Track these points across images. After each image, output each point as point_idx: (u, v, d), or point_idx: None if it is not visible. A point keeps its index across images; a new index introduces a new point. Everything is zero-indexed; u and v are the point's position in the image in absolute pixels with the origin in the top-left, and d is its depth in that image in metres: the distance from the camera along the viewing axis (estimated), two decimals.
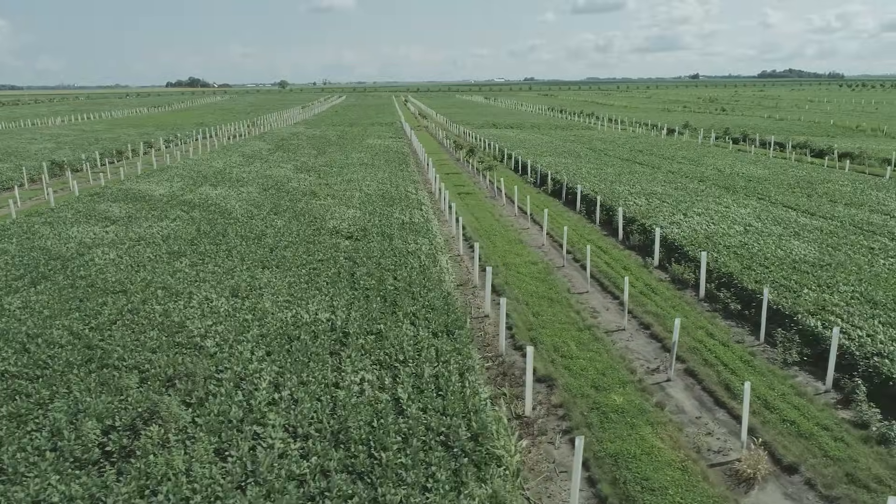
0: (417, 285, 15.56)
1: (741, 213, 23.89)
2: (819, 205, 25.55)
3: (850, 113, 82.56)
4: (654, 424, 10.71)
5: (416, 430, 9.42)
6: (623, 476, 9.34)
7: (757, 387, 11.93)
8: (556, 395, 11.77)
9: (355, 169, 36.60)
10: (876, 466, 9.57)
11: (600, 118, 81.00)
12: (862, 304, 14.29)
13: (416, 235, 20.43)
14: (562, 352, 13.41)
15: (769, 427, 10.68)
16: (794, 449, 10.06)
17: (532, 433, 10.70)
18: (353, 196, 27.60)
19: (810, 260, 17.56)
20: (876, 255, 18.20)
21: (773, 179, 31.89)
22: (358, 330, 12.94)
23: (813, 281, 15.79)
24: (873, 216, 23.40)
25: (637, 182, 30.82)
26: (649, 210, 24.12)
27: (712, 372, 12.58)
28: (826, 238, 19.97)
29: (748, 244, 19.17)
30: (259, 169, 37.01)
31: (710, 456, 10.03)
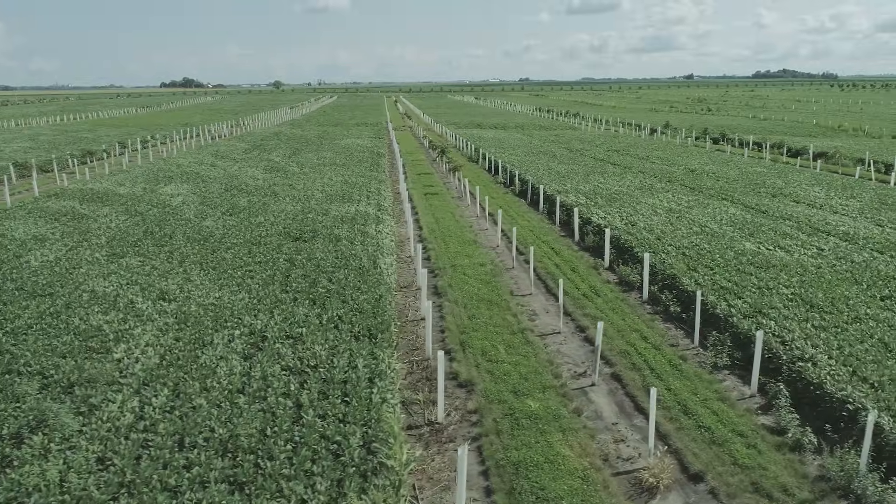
0: (352, 288, 15.26)
1: (700, 213, 23.65)
2: (782, 205, 25.31)
3: (835, 113, 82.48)
4: (566, 431, 10.42)
5: (308, 439, 9.12)
6: (520, 486, 9.05)
7: (679, 391, 11.67)
8: (473, 401, 11.47)
9: (325, 169, 36.27)
10: (784, 475, 9.29)
11: (585, 118, 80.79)
12: (799, 307, 14.03)
13: (364, 237, 20.13)
14: (489, 356, 13.11)
15: (683, 433, 10.40)
16: (704, 456, 9.78)
17: (440, 440, 10.42)
18: (311, 196, 27.27)
19: (758, 261, 17.30)
20: (825, 256, 17.96)
21: (741, 179, 31.65)
22: (277, 334, 12.63)
23: (755, 283, 15.53)
24: (830, 216, 23.18)
25: (604, 182, 30.56)
26: (609, 210, 23.87)
27: (638, 376, 12.30)
28: (779, 239, 19.73)
29: (699, 245, 18.92)
30: (228, 169, 36.66)
31: (618, 464, 9.74)
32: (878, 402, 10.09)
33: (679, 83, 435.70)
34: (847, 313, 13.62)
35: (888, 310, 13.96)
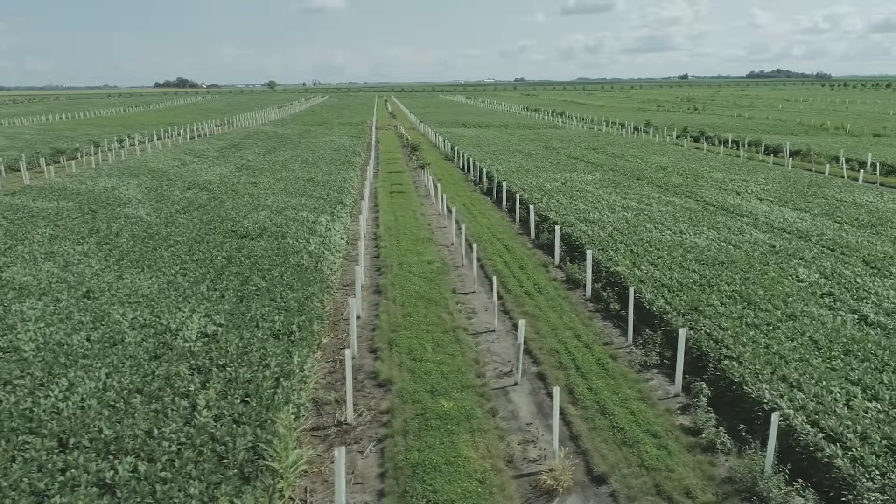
0: (283, 286, 14.92)
1: (662, 210, 23.38)
2: (744, 202, 25.05)
3: (820, 112, 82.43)
4: (475, 432, 10.10)
5: (196, 440, 8.79)
6: (413, 489, 8.72)
7: (601, 391, 11.36)
8: (387, 401, 11.15)
9: (294, 167, 35.90)
10: (690, 476, 8.99)
11: (572, 117, 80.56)
12: (736, 304, 13.74)
13: (311, 234, 19.79)
14: (415, 354, 12.78)
15: (596, 434, 10.09)
16: (612, 458, 9.46)
17: (345, 441, 10.09)
18: (271, 194, 26.91)
19: (705, 258, 17.01)
20: (776, 253, 17.69)
21: (707, 177, 31.39)
22: (193, 332, 12.28)
23: (696, 279, 15.24)
24: (790, 213, 22.92)
25: (571, 180, 30.28)
26: (568, 208, 23.59)
27: (563, 375, 11.99)
28: (732, 236, 19.46)
29: (649, 241, 18.63)
30: (197, 167, 36.26)
31: (523, 466, 9.42)
32: (794, 401, 9.79)
33: (673, 83, 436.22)
34: (783, 310, 13.34)
35: (827, 307, 13.68)
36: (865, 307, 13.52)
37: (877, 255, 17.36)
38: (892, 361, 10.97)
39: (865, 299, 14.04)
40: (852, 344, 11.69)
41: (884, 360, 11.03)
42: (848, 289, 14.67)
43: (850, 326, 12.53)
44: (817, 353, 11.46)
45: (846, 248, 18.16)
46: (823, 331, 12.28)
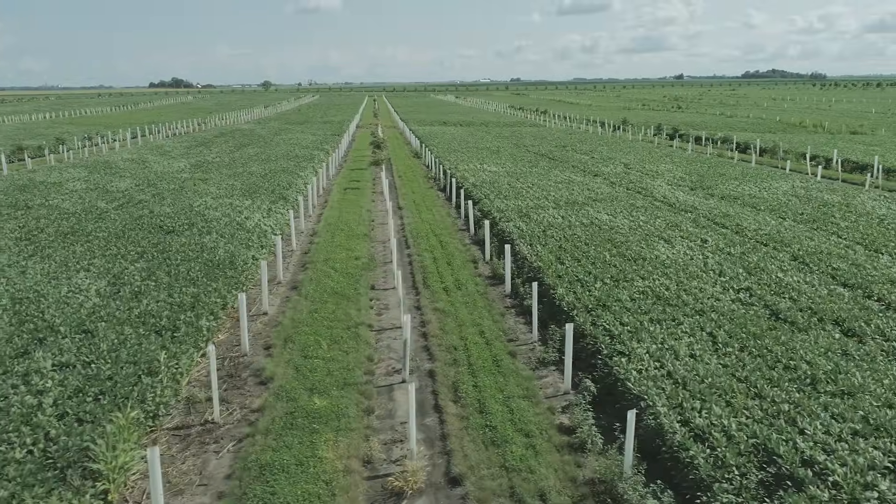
0: (187, 281, 14.47)
1: (606, 206, 22.97)
2: (692, 201, 24.65)
3: (804, 111, 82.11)
4: (341, 431, 9.65)
5: (26, 439, 8.34)
6: (253, 490, 8.27)
7: (487, 388, 10.92)
8: (261, 399, 10.70)
9: (254, 164, 35.40)
10: (550, 478, 8.55)
11: (554, 116, 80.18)
12: (646, 300, 13.31)
13: (240, 230, 19.33)
14: (307, 352, 12.32)
15: (466, 433, 9.64)
16: (475, 458, 9.02)
17: (205, 441, 9.63)
18: (214, 191, 26.45)
19: (631, 254, 16.59)
20: (705, 248, 17.28)
21: (666, 175, 30.99)
22: (73, 328, 11.83)
23: (613, 274, 14.81)
24: (736, 209, 22.51)
25: (529, 177, 29.87)
26: (512, 203, 23.18)
27: (454, 372, 11.54)
28: (667, 231, 19.05)
29: (580, 237, 18.21)
30: (155, 164, 35.74)
31: (382, 466, 8.97)
32: (671, 398, 9.37)
33: (668, 83, 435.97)
34: (692, 306, 12.91)
35: (740, 302, 13.26)
36: (782, 302, 13.10)
37: (808, 249, 16.95)
38: (786, 358, 10.54)
39: (783, 294, 13.62)
40: (751, 340, 11.27)
41: (777, 357, 10.61)
42: (768, 284, 14.25)
43: (759, 322, 12.10)
44: (713, 349, 11.05)
45: (780, 242, 17.77)
46: (728, 326, 11.85)
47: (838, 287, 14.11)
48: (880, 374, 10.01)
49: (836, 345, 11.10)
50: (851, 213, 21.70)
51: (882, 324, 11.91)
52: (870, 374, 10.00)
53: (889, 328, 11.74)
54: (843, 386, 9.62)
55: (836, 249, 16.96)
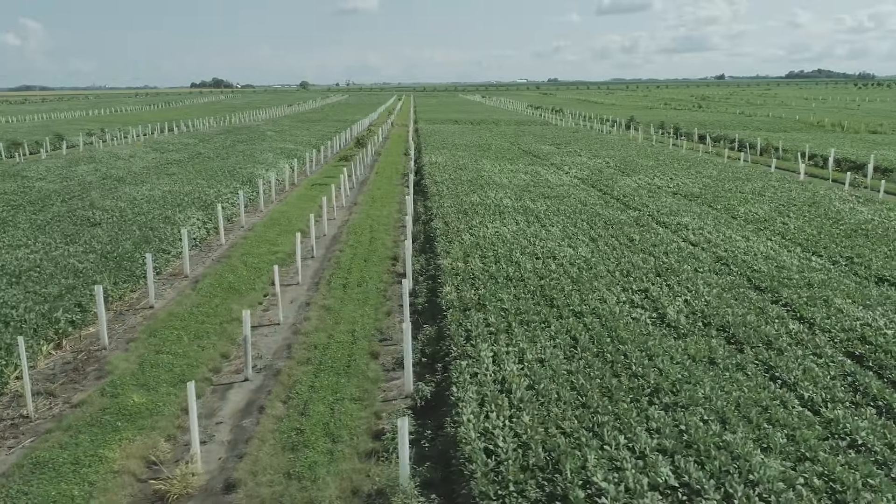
0: (73, 274, 14.20)
1: (559, 203, 22.11)
2: (647, 201, 23.59)
3: (831, 110, 79.08)
4: (143, 430, 9.15)
5: None
6: (8, 490, 7.84)
7: (322, 389, 10.31)
8: (85, 394, 10.30)
9: (233, 160, 35.37)
10: (330, 488, 7.88)
11: (569, 114, 78.91)
12: (528, 300, 12.51)
13: (164, 223, 19.09)
14: (164, 346, 11.89)
15: (274, 436, 9.03)
16: (264, 463, 8.42)
17: (3, 437, 9.26)
18: (173, 185, 26.38)
19: (543, 252, 15.79)
20: (634, 247, 16.36)
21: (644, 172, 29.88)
22: None
23: (510, 272, 14.05)
24: (683, 219, 21.43)
25: (499, 173, 29.12)
26: (462, 198, 22.50)
27: (300, 371, 10.97)
28: (594, 230, 18.15)
29: (504, 234, 17.45)
30: (140, 159, 36.01)
31: (166, 468, 8.45)
32: (483, 405, 8.64)
33: (708, 83, 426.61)
34: (573, 307, 12.09)
35: (631, 304, 12.38)
36: (672, 306, 12.17)
37: (738, 250, 15.89)
38: (639, 365, 9.68)
39: (679, 297, 12.69)
40: (612, 345, 10.43)
41: (629, 364, 9.76)
42: (671, 286, 13.31)
43: (635, 327, 11.23)
44: (568, 354, 10.24)
45: (709, 242, 16.73)
46: (598, 330, 11.02)
47: (750, 291, 13.11)
48: (734, 386, 9.10)
49: (705, 352, 10.19)
50: (811, 212, 20.42)
51: (771, 331, 10.92)
52: (723, 386, 9.10)
53: (777, 336, 10.75)
54: (683, 398, 8.75)
55: (769, 250, 15.86)
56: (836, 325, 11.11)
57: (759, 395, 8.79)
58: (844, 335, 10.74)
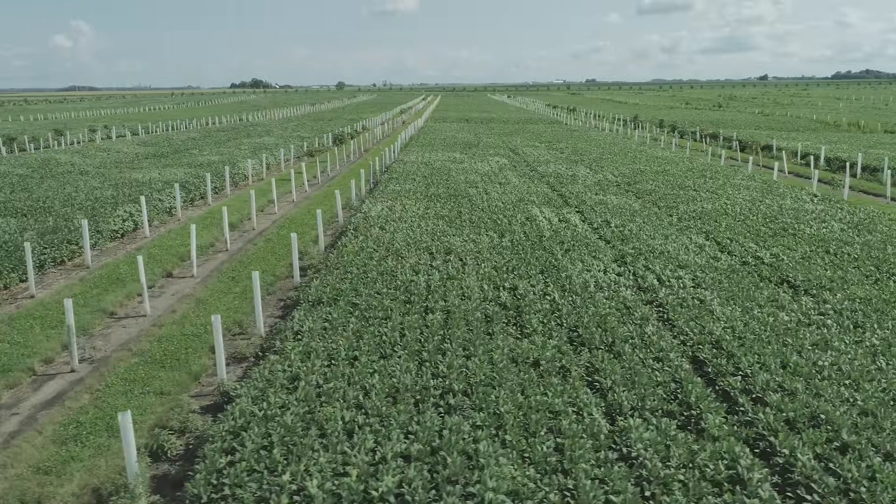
0: None
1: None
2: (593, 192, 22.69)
3: (857, 110, 76.04)
4: None
5: None
6: None
7: (138, 381, 9.96)
8: None
9: (227, 147, 35.49)
10: (73, 482, 7.50)
11: (580, 113, 77.64)
12: (387, 296, 11.94)
13: (86, 216, 19.04)
14: (10, 336, 11.69)
15: (54, 428, 8.71)
16: (26, 457, 8.08)
17: None
18: (132, 175, 26.46)
19: (444, 248, 15.18)
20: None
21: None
22: None
23: (387, 269, 13.48)
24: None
25: (468, 168, 28.53)
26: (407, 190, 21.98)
27: (128, 365, 10.62)
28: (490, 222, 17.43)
29: (416, 231, 16.89)
30: (110, 153, 36.45)
31: None
32: (256, 401, 8.12)
33: (751, 84, 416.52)
34: (421, 304, 11.47)
35: (486, 302, 11.71)
36: (516, 301, 11.46)
37: (646, 247, 15.02)
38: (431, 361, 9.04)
39: (525, 295, 11.95)
40: (417, 345, 9.79)
41: (441, 347, 9.16)
42: (538, 283, 12.58)
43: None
44: (380, 353, 9.65)
45: (623, 238, 15.88)
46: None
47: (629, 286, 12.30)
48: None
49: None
50: (751, 209, 19.27)
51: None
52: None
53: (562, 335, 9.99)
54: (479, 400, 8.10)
55: (672, 245, 14.95)
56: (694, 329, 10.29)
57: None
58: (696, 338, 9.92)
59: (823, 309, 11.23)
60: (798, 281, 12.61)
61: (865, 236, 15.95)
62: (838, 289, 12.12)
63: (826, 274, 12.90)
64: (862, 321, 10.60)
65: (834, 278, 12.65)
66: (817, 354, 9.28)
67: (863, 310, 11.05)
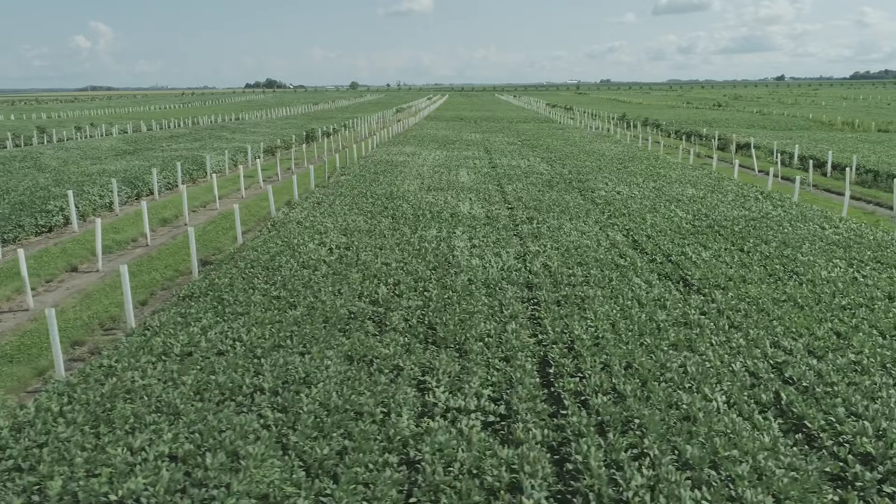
0: None
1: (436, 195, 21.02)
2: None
3: (857, 110, 74.63)
4: None
5: None
6: None
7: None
8: None
9: (180, 149, 35.40)
10: None
11: (576, 112, 76.97)
12: (262, 291, 11.61)
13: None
14: None
15: None
16: None
17: None
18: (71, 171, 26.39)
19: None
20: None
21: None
22: None
23: (273, 265, 13.16)
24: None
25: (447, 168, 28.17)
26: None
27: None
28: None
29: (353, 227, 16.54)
30: (83, 149, 36.50)
31: None
32: None
33: (767, 84, 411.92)
34: (287, 298, 11.13)
35: (343, 297, 11.33)
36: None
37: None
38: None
39: (370, 294, 11.55)
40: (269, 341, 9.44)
41: (283, 344, 8.77)
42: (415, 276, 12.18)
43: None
44: (232, 340, 9.31)
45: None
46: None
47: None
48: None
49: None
50: (681, 204, 18.72)
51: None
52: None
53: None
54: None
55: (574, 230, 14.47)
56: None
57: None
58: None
59: (707, 308, 10.75)
60: (695, 279, 12.10)
61: (785, 234, 15.33)
62: (733, 288, 11.60)
63: (728, 272, 12.38)
64: (740, 321, 10.11)
65: (733, 277, 12.13)
66: (669, 356, 8.81)
67: (746, 309, 10.55)
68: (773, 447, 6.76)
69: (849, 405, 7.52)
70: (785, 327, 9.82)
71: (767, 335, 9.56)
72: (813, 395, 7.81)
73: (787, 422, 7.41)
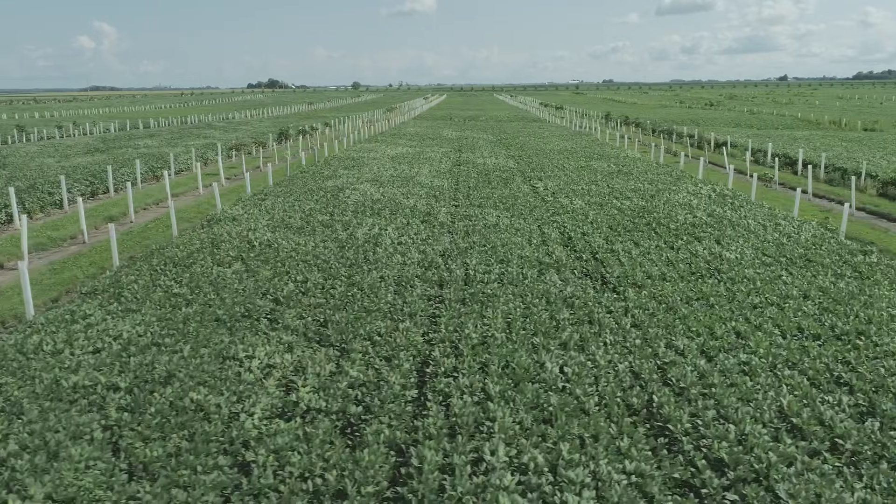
0: None
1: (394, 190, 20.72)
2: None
3: (847, 110, 74.11)
4: None
5: None
6: None
7: None
8: None
9: (147, 147, 35.19)
10: None
11: (567, 112, 76.65)
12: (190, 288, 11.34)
13: None
14: None
15: None
16: None
17: None
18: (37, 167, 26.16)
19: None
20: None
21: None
22: None
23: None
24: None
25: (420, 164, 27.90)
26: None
27: None
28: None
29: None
30: (57, 146, 36.32)
31: None
32: None
33: (770, 84, 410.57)
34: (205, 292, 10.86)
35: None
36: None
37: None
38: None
39: (275, 292, 11.26)
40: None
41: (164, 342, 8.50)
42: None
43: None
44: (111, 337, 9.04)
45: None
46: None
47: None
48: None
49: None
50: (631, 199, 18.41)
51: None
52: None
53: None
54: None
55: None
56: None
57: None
58: None
59: (615, 307, 10.44)
60: (613, 277, 11.79)
61: (721, 232, 14.99)
62: (650, 286, 11.30)
63: (651, 270, 12.06)
64: (643, 320, 9.79)
65: (654, 275, 11.82)
66: (552, 356, 8.49)
67: (654, 308, 10.24)
68: (628, 451, 6.46)
69: (720, 408, 7.22)
70: (686, 326, 9.51)
71: (666, 335, 9.25)
72: (686, 398, 7.51)
73: (654, 426, 7.12)
